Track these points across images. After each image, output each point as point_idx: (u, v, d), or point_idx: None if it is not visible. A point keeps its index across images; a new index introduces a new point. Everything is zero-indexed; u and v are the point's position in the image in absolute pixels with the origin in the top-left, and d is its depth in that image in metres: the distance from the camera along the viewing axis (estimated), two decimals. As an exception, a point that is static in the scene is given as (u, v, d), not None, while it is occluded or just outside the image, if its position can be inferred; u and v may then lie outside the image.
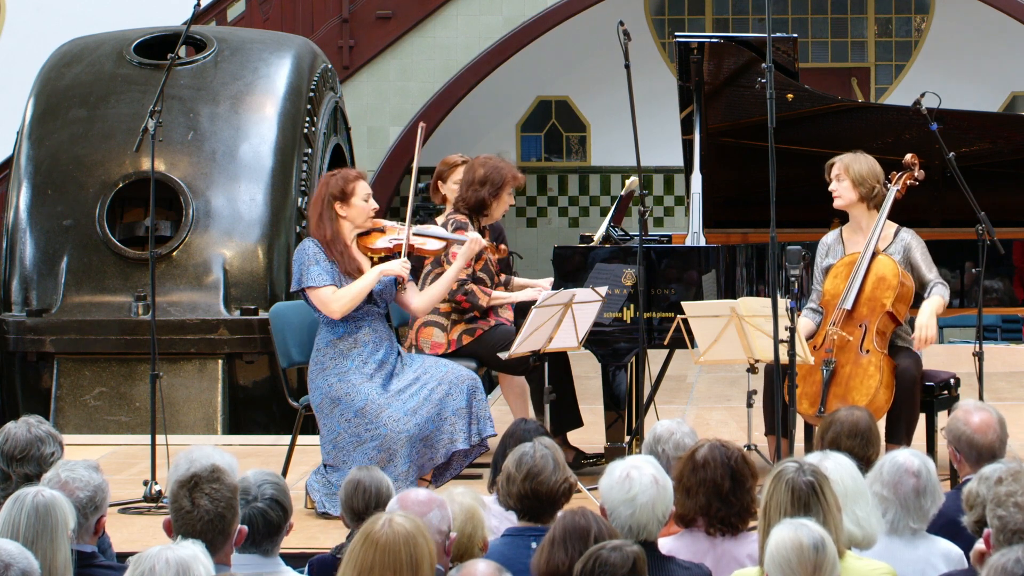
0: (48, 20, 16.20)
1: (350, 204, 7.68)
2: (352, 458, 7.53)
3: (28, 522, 4.80)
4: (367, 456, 7.50)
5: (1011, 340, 16.15)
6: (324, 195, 7.68)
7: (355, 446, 7.57)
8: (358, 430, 7.57)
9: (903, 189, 8.19)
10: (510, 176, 8.72)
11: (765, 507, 4.87)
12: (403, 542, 4.44)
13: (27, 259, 11.38)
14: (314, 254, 7.61)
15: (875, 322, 7.97)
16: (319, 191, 7.73)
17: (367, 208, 7.71)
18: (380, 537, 4.45)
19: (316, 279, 7.59)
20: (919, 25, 18.45)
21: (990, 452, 5.84)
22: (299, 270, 7.65)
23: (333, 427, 7.62)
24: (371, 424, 7.55)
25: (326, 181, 7.73)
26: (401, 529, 4.46)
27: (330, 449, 7.64)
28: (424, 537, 4.49)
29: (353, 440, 7.57)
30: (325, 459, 7.72)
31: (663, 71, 17.61)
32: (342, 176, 7.70)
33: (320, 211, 7.68)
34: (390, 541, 4.44)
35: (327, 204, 7.67)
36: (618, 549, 4.49)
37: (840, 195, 8.15)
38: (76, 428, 10.85)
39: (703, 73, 8.74)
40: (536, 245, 17.98)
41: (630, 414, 8.51)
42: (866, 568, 4.96)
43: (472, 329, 8.67)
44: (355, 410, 7.57)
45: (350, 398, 7.59)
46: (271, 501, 5.15)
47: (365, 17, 15.99)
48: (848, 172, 8.10)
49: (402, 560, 4.43)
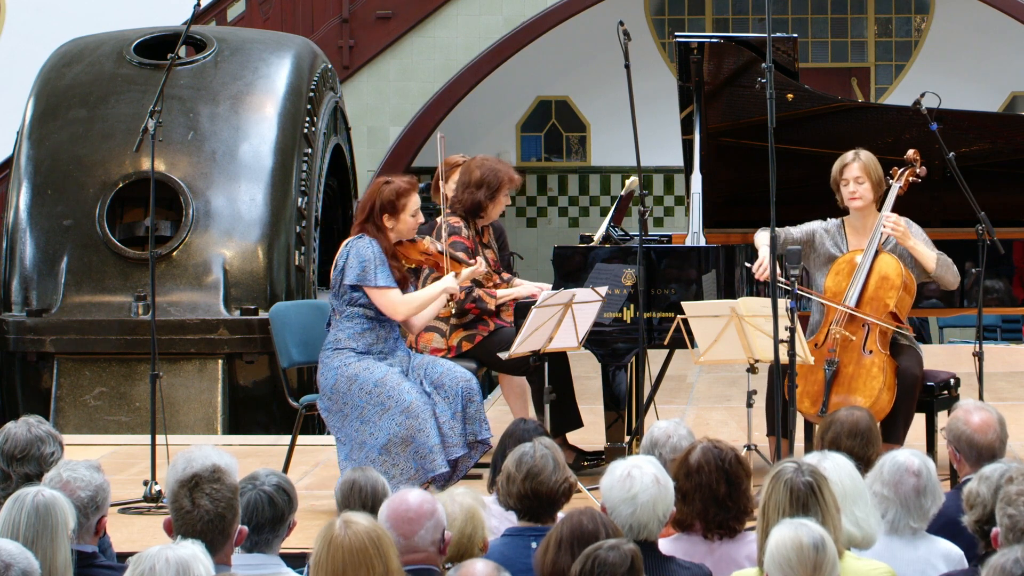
0: (48, 20, 16.20)
1: (398, 218, 7.67)
2: (380, 426, 7.48)
3: (28, 522, 4.80)
4: (395, 422, 7.44)
5: (1011, 340, 16.15)
6: (376, 203, 7.66)
7: (380, 414, 7.49)
8: (380, 398, 7.50)
9: (906, 185, 8.18)
10: (506, 178, 8.71)
11: (764, 507, 4.87)
12: (367, 540, 4.47)
13: (27, 259, 11.39)
14: (379, 254, 7.61)
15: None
16: (371, 195, 7.69)
17: (413, 223, 7.71)
18: (344, 540, 4.47)
19: (386, 280, 7.61)
20: (919, 25, 18.45)
21: (990, 452, 5.84)
22: (361, 266, 7.59)
23: (355, 404, 7.54)
24: (394, 391, 7.49)
25: (379, 189, 7.68)
26: (361, 528, 4.49)
27: (358, 426, 7.52)
28: (382, 530, 4.55)
29: (377, 409, 7.50)
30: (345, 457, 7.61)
31: (663, 71, 17.61)
32: (395, 189, 7.64)
33: (369, 217, 7.66)
34: (355, 542, 4.47)
35: (377, 213, 7.67)
36: (615, 548, 4.49)
37: (861, 196, 8.08)
38: (76, 428, 10.85)
39: (703, 73, 8.74)
40: (536, 245, 17.98)
41: (630, 414, 8.51)
42: (865, 568, 4.96)
43: (472, 335, 8.67)
44: (374, 381, 7.53)
45: (369, 372, 7.55)
46: (277, 488, 5.16)
47: (365, 17, 15.99)
48: (869, 174, 8.06)
49: (371, 555, 4.46)
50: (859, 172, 8.08)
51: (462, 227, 8.66)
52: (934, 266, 8.08)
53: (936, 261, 8.09)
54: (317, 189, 11.95)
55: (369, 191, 7.76)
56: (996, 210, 8.22)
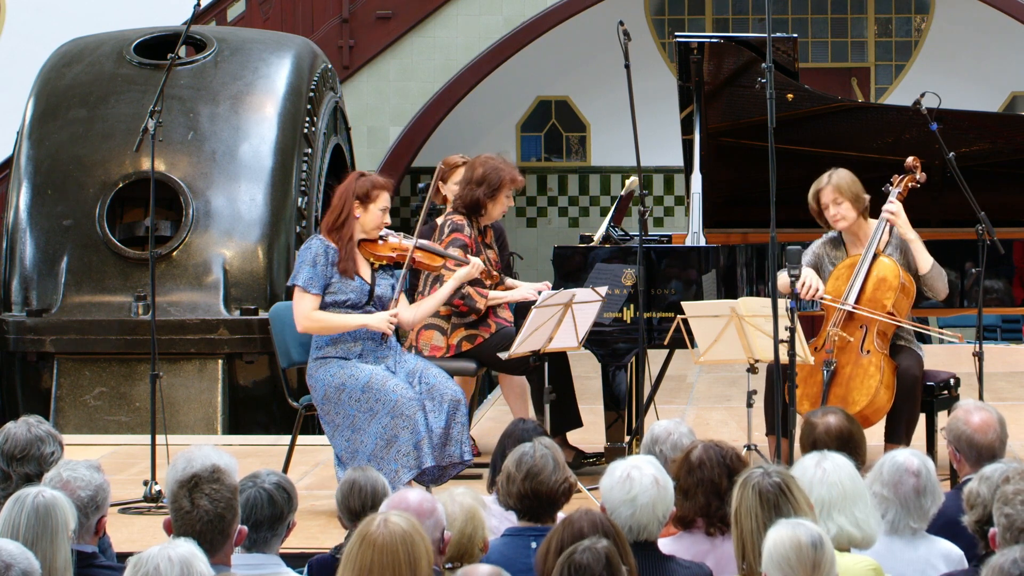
0: (48, 20, 16.20)
1: (367, 208, 7.71)
2: (369, 432, 7.50)
3: (28, 523, 4.80)
4: (382, 425, 7.46)
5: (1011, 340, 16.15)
6: (351, 190, 7.73)
7: (369, 420, 7.51)
8: (368, 403, 7.53)
9: (904, 192, 8.18)
10: (508, 178, 8.70)
11: (736, 515, 4.87)
12: (400, 541, 4.45)
13: (27, 259, 11.39)
14: (314, 256, 7.63)
15: (875, 323, 7.96)
16: (347, 184, 7.78)
17: (379, 219, 7.73)
18: (377, 538, 4.45)
19: (305, 281, 7.63)
20: (919, 25, 18.44)
21: (990, 452, 5.84)
22: (298, 264, 7.70)
23: (346, 413, 7.57)
24: (380, 393, 7.52)
25: (355, 178, 7.80)
26: (397, 528, 4.46)
27: (349, 435, 7.56)
28: (420, 535, 4.50)
29: (367, 415, 7.53)
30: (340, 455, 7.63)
31: (663, 71, 17.61)
32: (370, 180, 7.76)
33: (342, 203, 7.72)
34: (387, 541, 4.44)
35: (349, 198, 7.72)
36: (588, 549, 4.48)
37: (843, 217, 8.10)
38: (76, 428, 10.85)
39: (703, 73, 8.74)
40: (536, 245, 17.98)
41: (630, 414, 8.51)
42: (850, 563, 4.96)
43: (473, 336, 8.66)
44: (361, 386, 7.55)
45: (355, 379, 7.57)
46: (277, 486, 5.16)
47: (365, 17, 15.99)
48: (843, 193, 8.07)
49: (400, 559, 4.43)
50: (834, 194, 8.07)
51: (464, 225, 8.65)
52: (928, 268, 8.09)
53: (931, 265, 8.10)
54: (317, 189, 11.95)
55: (345, 181, 7.82)
56: (996, 210, 8.22)
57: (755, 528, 4.79)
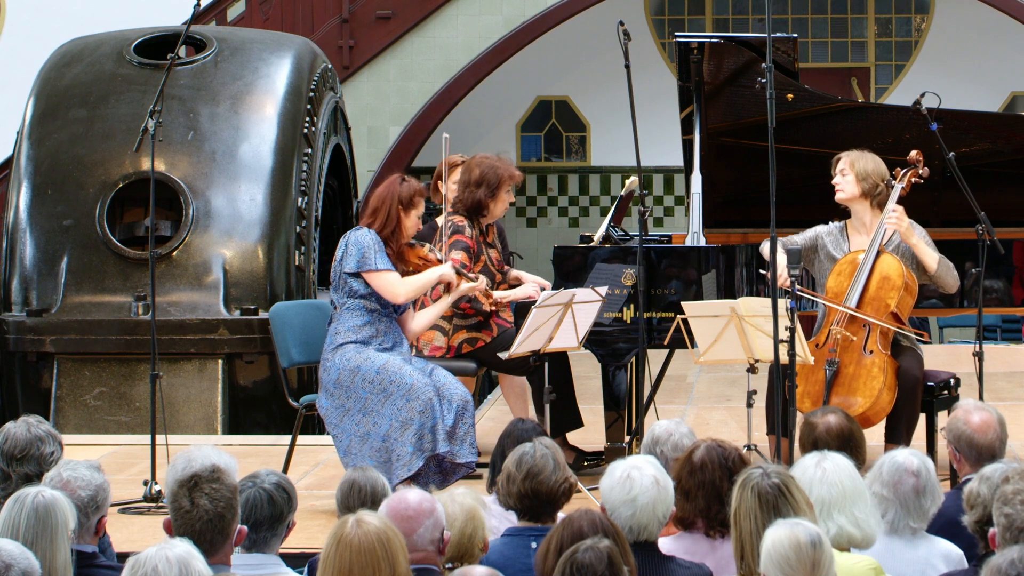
0: (48, 20, 16.20)
1: (408, 215, 7.74)
2: (383, 414, 7.50)
3: (28, 523, 4.80)
4: (396, 407, 7.46)
5: (1011, 340, 16.15)
6: (394, 195, 7.73)
7: (383, 401, 7.51)
8: (383, 385, 7.53)
9: (908, 186, 8.18)
10: (506, 175, 8.71)
11: (735, 516, 4.86)
12: (376, 540, 4.45)
13: (27, 259, 11.39)
14: (377, 241, 7.68)
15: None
16: (388, 189, 7.77)
17: (416, 225, 7.79)
18: (353, 539, 4.45)
19: (384, 264, 7.64)
20: (919, 25, 18.45)
21: (990, 452, 5.84)
22: (360, 253, 7.65)
23: (358, 396, 7.56)
24: (395, 375, 7.52)
25: (396, 182, 7.79)
26: (372, 528, 4.47)
27: (360, 419, 7.54)
28: (394, 532, 4.52)
29: (381, 396, 7.52)
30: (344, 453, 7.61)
31: (663, 71, 17.61)
32: (412, 187, 7.76)
33: (388, 207, 7.72)
34: (364, 542, 4.45)
35: (395, 203, 7.72)
36: (591, 549, 4.48)
37: (843, 188, 8.14)
38: (76, 428, 10.85)
39: (703, 73, 8.74)
40: (536, 245, 17.98)
41: (630, 414, 8.51)
42: (850, 562, 4.96)
43: (474, 339, 8.67)
44: (376, 368, 7.55)
45: (370, 361, 7.58)
46: (277, 486, 5.15)
47: (365, 17, 16.00)
48: (853, 167, 8.11)
49: (378, 557, 4.44)
50: (843, 164, 8.15)
51: (465, 226, 8.66)
52: (935, 266, 8.09)
53: (937, 262, 8.10)
54: (317, 189, 11.95)
55: (384, 186, 7.80)
56: (996, 210, 8.22)
57: (754, 529, 4.79)
